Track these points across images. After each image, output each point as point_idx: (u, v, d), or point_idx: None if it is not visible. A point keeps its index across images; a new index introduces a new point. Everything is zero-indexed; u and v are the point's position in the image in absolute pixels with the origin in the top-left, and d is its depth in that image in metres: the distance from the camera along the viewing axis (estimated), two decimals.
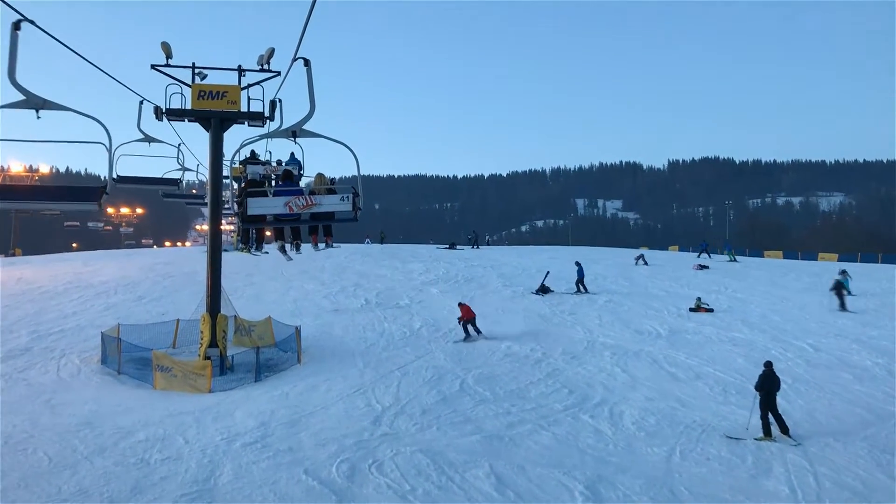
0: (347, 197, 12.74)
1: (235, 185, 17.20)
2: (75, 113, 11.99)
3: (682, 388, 16.71)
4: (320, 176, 14.43)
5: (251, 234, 20.01)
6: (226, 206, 59.24)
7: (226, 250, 53.64)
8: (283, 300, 31.14)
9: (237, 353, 20.73)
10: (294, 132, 13.36)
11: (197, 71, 20.51)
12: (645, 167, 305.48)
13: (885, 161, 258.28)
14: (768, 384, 13.36)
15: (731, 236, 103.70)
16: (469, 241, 61.17)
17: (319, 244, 16.26)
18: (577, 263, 33.28)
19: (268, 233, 22.79)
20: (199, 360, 18.73)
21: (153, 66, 20.14)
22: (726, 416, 14.58)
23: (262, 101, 20.32)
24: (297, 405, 15.50)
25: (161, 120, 20.33)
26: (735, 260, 51.73)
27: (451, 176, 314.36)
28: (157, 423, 14.23)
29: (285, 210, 12.78)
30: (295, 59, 12.77)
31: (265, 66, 20.33)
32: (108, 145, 12.16)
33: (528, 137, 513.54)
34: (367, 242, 66.70)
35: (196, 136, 21.93)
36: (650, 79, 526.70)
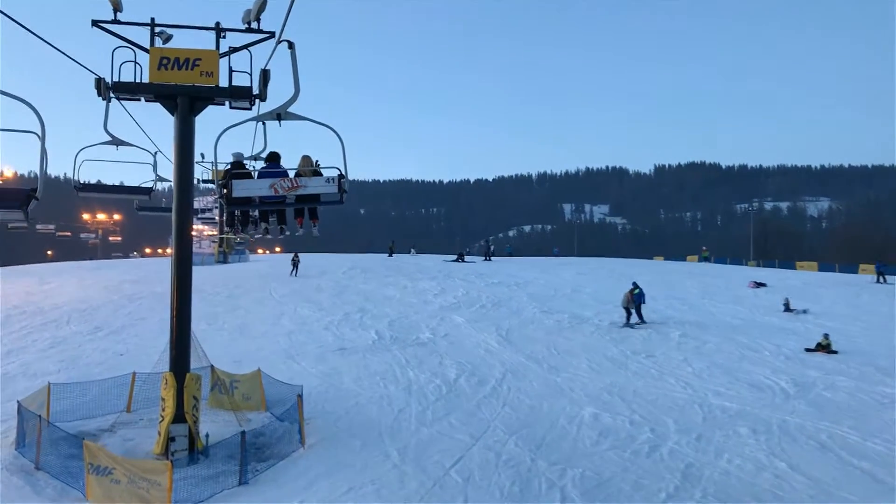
0: (333, 179, 12.36)
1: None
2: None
3: None
4: (306, 158, 13.41)
5: (236, 217, 16.08)
6: (201, 212, 52.35)
7: (201, 264, 47.42)
8: (275, 333, 24.98)
9: (214, 427, 14.78)
10: (279, 115, 12.86)
11: (158, 30, 14.40)
12: (631, 172, 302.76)
13: (868, 166, 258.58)
14: None
15: (739, 243, 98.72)
16: (484, 251, 55.30)
17: (312, 229, 14.30)
18: (635, 285, 27.26)
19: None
20: (153, 461, 12.58)
21: (95, 23, 14.10)
22: None
23: (250, 73, 14.26)
24: None
25: (107, 98, 14.21)
26: None
27: (436, 181, 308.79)
28: None
29: (270, 192, 12.47)
30: (279, 42, 12.27)
31: (253, 26, 14.38)
32: (39, 134, 10.10)
33: (514, 142, 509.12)
34: (413, 253, 61.37)
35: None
36: (636, 83, 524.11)
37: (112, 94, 14.08)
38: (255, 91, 14.16)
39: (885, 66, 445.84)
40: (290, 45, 12.52)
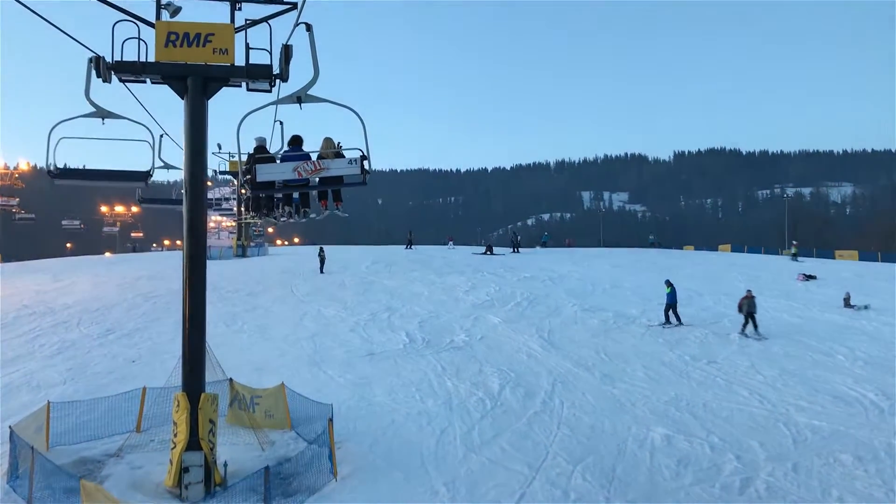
0: (356, 161, 12.07)
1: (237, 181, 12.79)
2: None
3: None
4: (328, 140, 12.91)
5: (261, 202, 15.22)
6: (216, 203, 50.16)
7: (219, 258, 45.69)
8: (298, 336, 23.22)
9: (233, 451, 13.10)
10: (299, 98, 12.23)
11: (165, 2, 12.67)
12: (650, 158, 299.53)
13: (893, 150, 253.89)
14: None
15: (762, 230, 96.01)
16: (511, 243, 53.36)
17: (336, 210, 13.99)
18: (669, 284, 24.89)
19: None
20: None
21: None
22: None
23: (269, 50, 12.43)
24: None
25: (107, 80, 12.40)
26: None
27: (453, 170, 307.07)
28: None
29: (294, 175, 12.30)
30: (296, 25, 11.69)
31: None
32: None
33: (531, 129, 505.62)
34: (451, 246, 59.51)
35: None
36: (654, 69, 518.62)
37: (113, 75, 12.32)
38: (276, 70, 12.36)
39: None
40: (308, 28, 11.72)
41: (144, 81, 12.66)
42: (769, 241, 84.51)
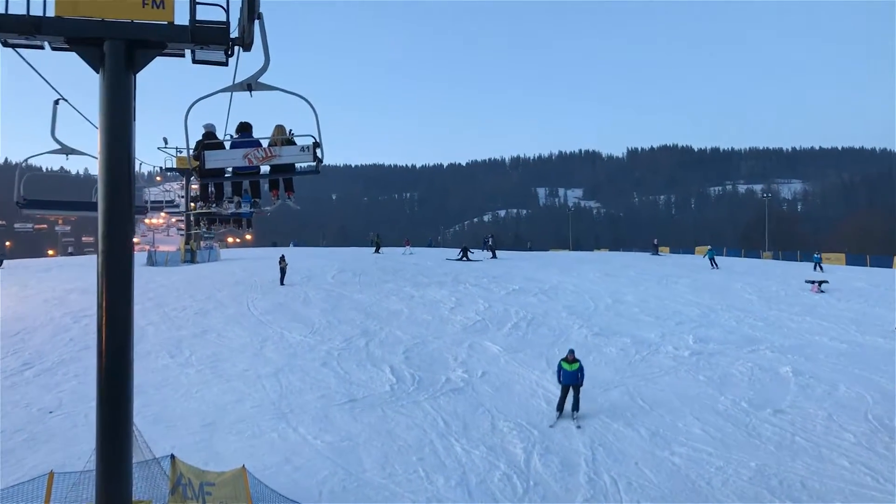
0: (308, 147, 11.11)
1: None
2: None
3: None
4: (279, 127, 12.16)
5: (209, 191, 15.00)
6: (157, 203, 45.07)
7: (165, 264, 40.93)
8: (258, 372, 19.08)
9: None
10: (249, 85, 10.02)
11: None
12: (604, 155, 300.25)
13: (839, 148, 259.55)
14: None
15: (717, 227, 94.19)
16: (485, 245, 49.46)
17: (287, 200, 13.21)
18: (575, 359, 15.82)
19: None
20: None
21: None
22: None
23: (226, 6, 8.42)
24: None
25: None
26: None
27: (409, 165, 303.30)
28: None
29: (244, 162, 11.38)
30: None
31: None
32: None
33: (486, 126, 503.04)
34: (408, 251, 52.50)
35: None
36: (606, 66, 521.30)
37: None
38: (236, 34, 8.36)
39: (853, 48, 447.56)
40: (259, 17, 9.40)
41: (42, 47, 8.56)
42: (726, 241, 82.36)
